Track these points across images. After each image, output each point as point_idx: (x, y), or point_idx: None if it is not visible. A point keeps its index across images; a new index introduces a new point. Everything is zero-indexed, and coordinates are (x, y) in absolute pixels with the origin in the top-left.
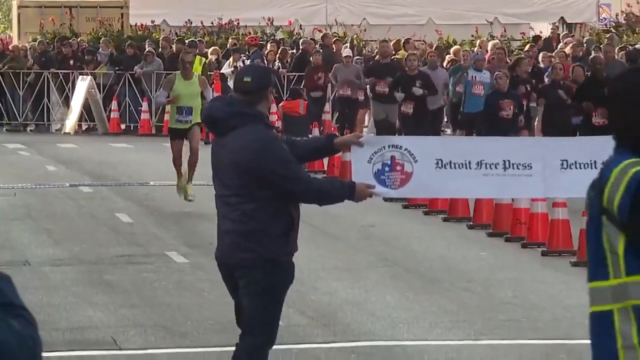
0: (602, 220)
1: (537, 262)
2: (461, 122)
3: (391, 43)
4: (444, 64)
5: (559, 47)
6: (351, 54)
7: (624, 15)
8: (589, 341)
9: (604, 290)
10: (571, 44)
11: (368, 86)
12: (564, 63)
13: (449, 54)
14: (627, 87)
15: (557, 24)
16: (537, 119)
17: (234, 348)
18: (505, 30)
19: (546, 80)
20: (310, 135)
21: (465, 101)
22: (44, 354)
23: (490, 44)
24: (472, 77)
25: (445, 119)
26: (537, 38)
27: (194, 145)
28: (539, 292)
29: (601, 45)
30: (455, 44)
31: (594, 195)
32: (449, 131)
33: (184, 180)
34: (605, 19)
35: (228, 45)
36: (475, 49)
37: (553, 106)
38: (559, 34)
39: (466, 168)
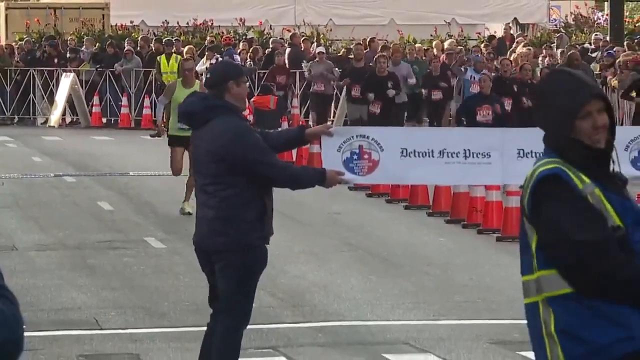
0: (523, 219)
1: (492, 247)
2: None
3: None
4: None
5: (513, 45)
6: (324, 51)
7: (573, 16)
8: None
9: (530, 283)
10: (522, 43)
11: (344, 88)
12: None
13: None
14: (543, 88)
15: (510, 25)
16: None
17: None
18: (462, 30)
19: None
20: (280, 128)
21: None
22: (30, 334)
23: (446, 43)
24: (471, 77)
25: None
26: (491, 37)
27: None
28: (494, 275)
29: (552, 45)
30: (415, 43)
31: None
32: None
33: (188, 205)
34: (555, 20)
35: (206, 42)
36: (435, 51)
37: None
38: (512, 34)
39: (429, 156)
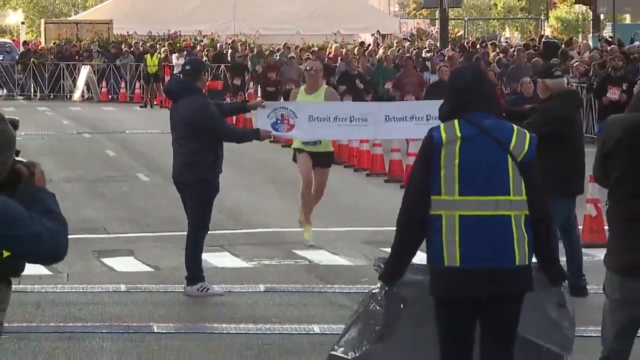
0: None
1: (364, 180)
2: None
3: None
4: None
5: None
6: (295, 56)
7: (416, 29)
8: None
9: None
10: (382, 47)
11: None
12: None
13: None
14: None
15: (375, 35)
16: None
17: (178, 233)
18: (343, 39)
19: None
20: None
21: None
22: None
23: (334, 47)
24: (428, 79)
25: None
26: (362, 43)
27: (319, 188)
28: (366, 199)
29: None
30: (314, 46)
31: None
32: None
33: (309, 230)
34: (404, 31)
35: (166, 44)
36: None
37: None
38: (377, 41)
39: (327, 121)
